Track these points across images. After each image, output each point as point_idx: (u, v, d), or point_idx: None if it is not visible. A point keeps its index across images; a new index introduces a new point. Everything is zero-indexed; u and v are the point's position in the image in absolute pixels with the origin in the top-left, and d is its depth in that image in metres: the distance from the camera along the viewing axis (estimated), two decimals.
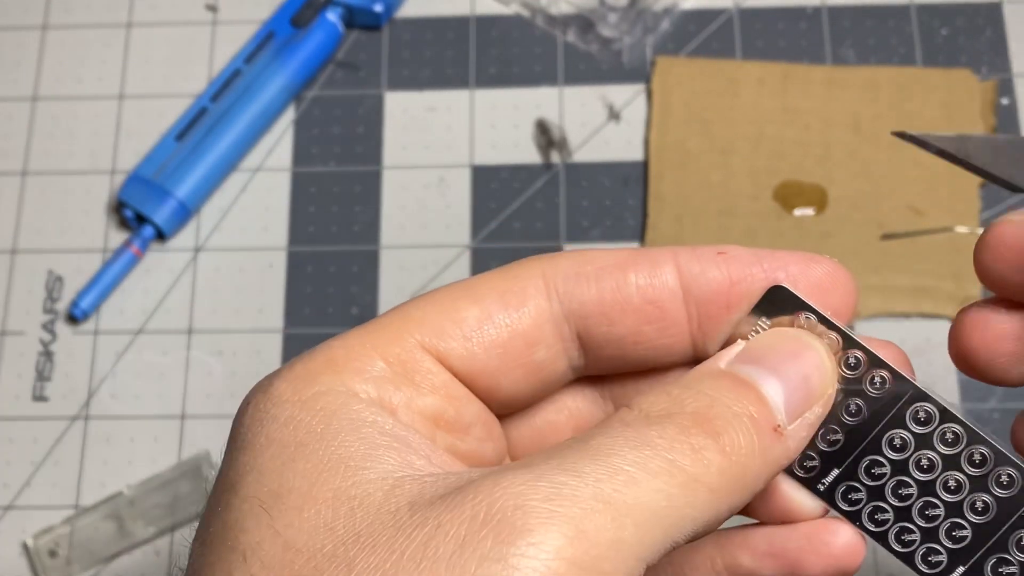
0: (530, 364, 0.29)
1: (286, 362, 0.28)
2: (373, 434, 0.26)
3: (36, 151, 0.62)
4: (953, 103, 0.60)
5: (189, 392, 0.57)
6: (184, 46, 0.64)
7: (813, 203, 0.58)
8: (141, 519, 0.54)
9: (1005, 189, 0.29)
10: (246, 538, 0.25)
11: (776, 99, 0.60)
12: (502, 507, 0.23)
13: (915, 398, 0.30)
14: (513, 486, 0.23)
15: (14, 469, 0.56)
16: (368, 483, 0.24)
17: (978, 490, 0.30)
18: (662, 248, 0.29)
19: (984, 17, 0.62)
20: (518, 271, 0.29)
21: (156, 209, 0.59)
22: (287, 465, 0.25)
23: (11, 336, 0.59)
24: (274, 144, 0.62)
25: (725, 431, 0.26)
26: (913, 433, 0.30)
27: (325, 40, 0.62)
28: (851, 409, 0.30)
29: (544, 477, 0.24)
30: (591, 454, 0.24)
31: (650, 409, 0.26)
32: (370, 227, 0.60)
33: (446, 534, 0.23)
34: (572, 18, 0.63)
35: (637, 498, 0.24)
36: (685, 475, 0.25)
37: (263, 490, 0.25)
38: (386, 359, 0.27)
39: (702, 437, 0.25)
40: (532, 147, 0.61)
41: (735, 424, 0.26)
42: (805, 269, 0.29)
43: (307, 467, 0.25)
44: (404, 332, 0.28)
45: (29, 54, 0.64)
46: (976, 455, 0.29)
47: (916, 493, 0.30)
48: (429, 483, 0.24)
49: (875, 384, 0.30)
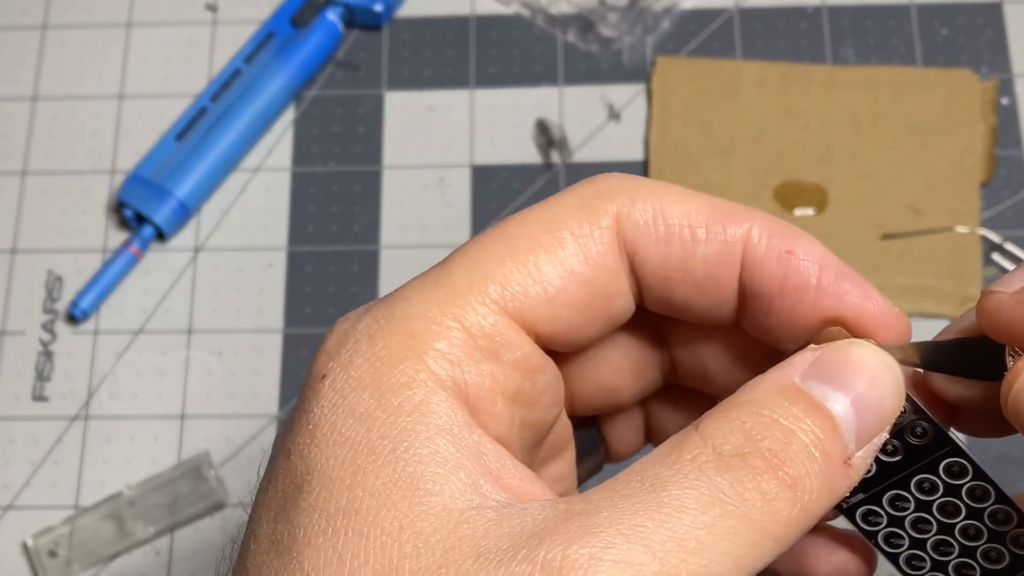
0: (608, 315, 0.28)
1: (362, 305, 0.27)
2: (447, 447, 0.25)
3: (36, 151, 0.62)
4: (953, 103, 0.60)
5: (189, 392, 0.57)
6: (184, 46, 0.64)
7: (813, 203, 0.58)
8: (141, 519, 0.54)
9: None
10: (311, 555, 0.24)
11: (776, 99, 0.60)
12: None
13: (952, 454, 0.30)
14: (581, 559, 0.23)
15: (14, 469, 0.56)
16: (434, 516, 0.24)
17: (995, 542, 0.30)
18: (740, 213, 0.28)
19: (984, 17, 0.62)
20: (592, 211, 0.27)
21: (156, 209, 0.59)
22: (357, 477, 0.25)
23: (11, 336, 0.59)
24: (274, 144, 0.62)
25: (800, 480, 0.25)
26: (944, 482, 0.30)
27: (325, 40, 0.62)
28: (888, 448, 0.30)
29: (612, 548, 0.23)
30: (663, 513, 0.24)
31: (723, 445, 0.25)
32: (370, 227, 0.60)
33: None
34: (572, 18, 0.63)
35: (703, 566, 0.23)
36: (754, 531, 0.24)
37: (332, 503, 0.24)
38: (468, 329, 0.26)
39: (775, 484, 0.24)
40: (532, 147, 0.61)
41: (810, 467, 0.25)
42: (862, 302, 0.28)
43: (377, 484, 0.24)
44: (484, 295, 0.27)
45: (29, 54, 0.64)
46: (1000, 514, 0.30)
47: (935, 531, 0.31)
48: (493, 524, 0.24)
49: (916, 433, 0.30)
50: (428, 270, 0.28)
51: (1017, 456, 0.54)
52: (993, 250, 0.57)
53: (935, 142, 0.59)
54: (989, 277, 0.57)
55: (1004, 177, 0.59)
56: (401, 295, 0.27)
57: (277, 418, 0.56)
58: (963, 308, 0.56)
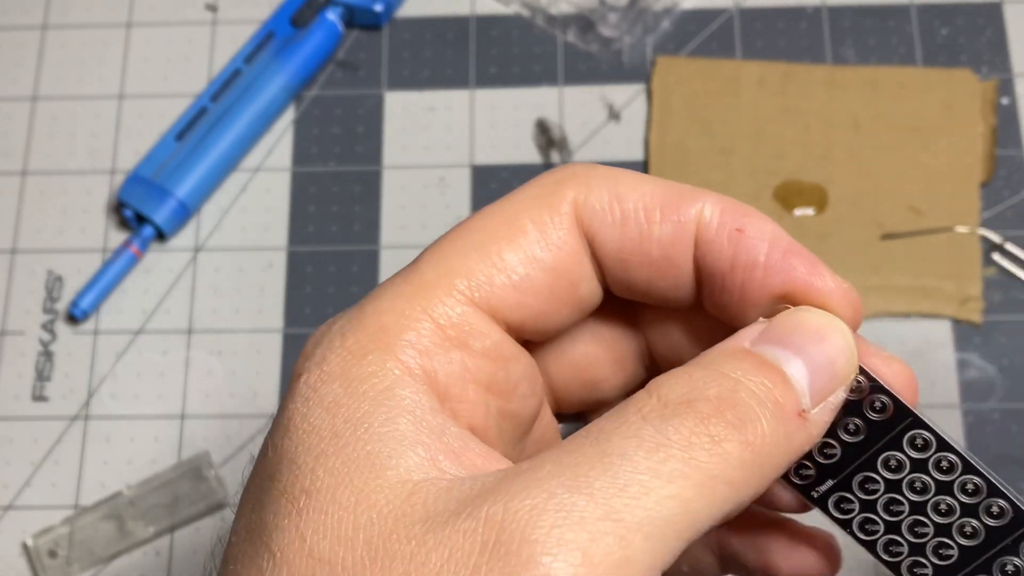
0: (575, 300, 0.29)
1: (344, 309, 0.28)
2: (407, 426, 0.26)
3: (36, 151, 0.62)
4: (953, 103, 0.60)
5: (189, 392, 0.57)
6: (184, 46, 0.64)
7: (813, 203, 0.58)
8: (141, 519, 0.54)
9: None
10: (278, 537, 0.25)
11: (776, 99, 0.60)
12: (510, 537, 0.23)
13: (913, 425, 0.30)
14: (522, 511, 0.23)
15: (14, 469, 0.56)
16: (388, 488, 0.25)
17: (968, 516, 0.30)
18: (692, 193, 0.28)
19: (984, 17, 0.62)
20: (550, 198, 0.28)
21: (156, 209, 0.59)
22: (320, 460, 0.25)
23: (11, 336, 0.59)
24: (274, 144, 0.62)
25: (749, 420, 0.25)
26: (909, 457, 0.30)
27: (325, 40, 0.62)
28: (849, 428, 0.30)
29: (554, 497, 0.23)
30: (604, 462, 0.24)
31: (669, 395, 0.25)
32: (370, 227, 0.60)
33: (456, 563, 0.23)
34: (572, 18, 0.63)
35: (648, 510, 0.23)
36: (702, 473, 0.24)
37: (296, 486, 0.25)
38: (437, 321, 0.27)
39: (723, 427, 0.25)
40: (532, 147, 0.61)
41: (760, 411, 0.25)
42: (810, 278, 0.28)
43: (336, 464, 0.25)
44: (451, 287, 0.27)
45: (29, 54, 0.64)
46: (969, 485, 0.30)
47: (907, 511, 0.31)
48: (444, 491, 0.24)
49: (875, 408, 0.30)
50: (400, 270, 0.28)
51: (1018, 456, 0.54)
52: (993, 250, 0.57)
53: (935, 142, 0.59)
54: (989, 277, 0.57)
55: (1004, 177, 0.59)
56: (374, 294, 0.28)
57: None
58: (963, 308, 0.56)
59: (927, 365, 0.55)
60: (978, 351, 0.56)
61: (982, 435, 0.54)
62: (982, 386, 0.55)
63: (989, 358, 0.55)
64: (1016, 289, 0.57)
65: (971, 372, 0.55)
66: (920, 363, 0.55)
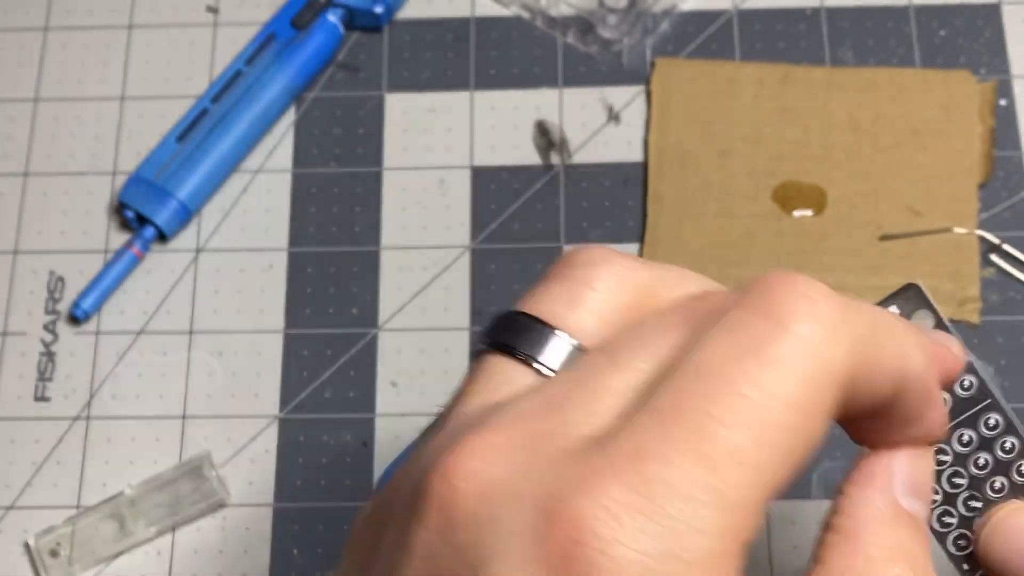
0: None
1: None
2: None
3: (37, 152, 0.62)
4: (952, 104, 0.60)
5: (190, 392, 0.57)
6: (185, 48, 0.64)
7: (812, 204, 0.59)
8: (143, 519, 0.54)
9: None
10: None
11: (775, 100, 0.61)
12: None
13: (991, 407, 0.34)
14: None
15: (16, 469, 0.56)
16: None
17: (1018, 495, 0.34)
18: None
19: (983, 18, 0.62)
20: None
21: (157, 210, 0.59)
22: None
23: (12, 337, 0.59)
24: (275, 145, 0.62)
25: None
26: (980, 435, 0.34)
27: (326, 41, 0.62)
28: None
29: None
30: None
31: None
32: (371, 228, 0.60)
33: None
34: (572, 20, 0.63)
35: None
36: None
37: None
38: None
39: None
40: (532, 148, 0.61)
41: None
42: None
43: None
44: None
45: (30, 55, 0.64)
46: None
47: (966, 485, 0.34)
48: None
49: (964, 386, 0.34)
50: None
51: None
52: (991, 251, 0.57)
53: (933, 143, 0.59)
54: (987, 278, 0.57)
55: (1002, 178, 0.59)
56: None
57: (278, 418, 0.56)
58: (961, 309, 0.56)
59: None
60: (976, 351, 0.56)
61: None
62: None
63: (987, 358, 0.56)
64: (1014, 290, 0.57)
65: None
66: None
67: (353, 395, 0.57)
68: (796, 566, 0.53)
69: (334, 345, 0.58)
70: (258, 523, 0.55)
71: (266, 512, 0.55)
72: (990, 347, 0.56)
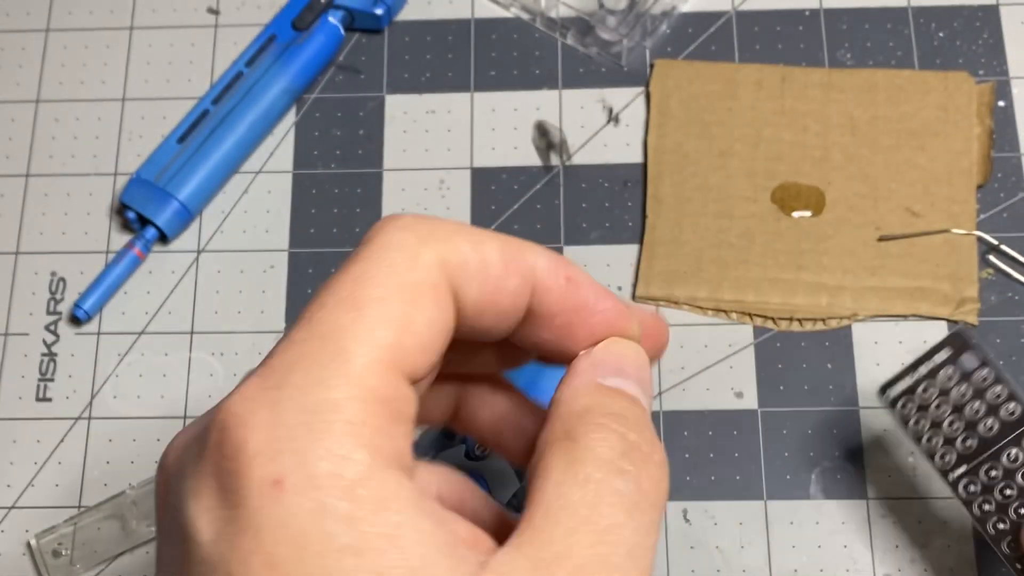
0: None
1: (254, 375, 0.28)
2: (436, 535, 0.27)
3: (39, 154, 0.63)
4: (950, 106, 0.60)
5: (191, 393, 0.57)
6: (186, 49, 0.64)
7: (811, 205, 0.59)
8: (143, 519, 0.54)
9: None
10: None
11: (774, 101, 0.61)
12: None
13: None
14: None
15: (17, 469, 0.57)
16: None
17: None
18: (527, 248, 0.31)
19: (981, 20, 0.62)
20: (424, 261, 0.29)
21: (158, 211, 0.59)
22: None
23: (15, 337, 0.59)
24: (275, 146, 0.62)
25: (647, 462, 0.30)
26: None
27: (326, 43, 0.62)
28: (988, 425, 0.45)
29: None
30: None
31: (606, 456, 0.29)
32: None
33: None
34: (571, 21, 0.63)
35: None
36: (657, 512, 0.29)
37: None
38: (384, 401, 0.27)
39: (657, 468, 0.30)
40: (531, 150, 0.61)
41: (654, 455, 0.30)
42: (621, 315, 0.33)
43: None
44: (384, 363, 0.28)
45: (32, 57, 0.65)
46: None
47: (1015, 495, 0.44)
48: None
49: (1010, 412, 0.45)
50: (282, 352, 0.28)
51: None
52: (989, 252, 0.58)
53: (932, 144, 0.59)
54: (985, 279, 0.57)
55: (1000, 179, 0.59)
56: (297, 378, 0.27)
57: None
58: (959, 310, 0.56)
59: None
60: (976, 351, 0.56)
61: None
62: None
63: None
64: (1012, 290, 0.57)
65: None
66: None
67: None
68: (794, 566, 0.53)
69: None
70: None
71: None
72: (989, 347, 0.56)
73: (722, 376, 0.56)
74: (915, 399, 0.48)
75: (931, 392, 0.47)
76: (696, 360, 0.56)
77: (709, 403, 0.56)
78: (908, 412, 0.48)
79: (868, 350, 0.56)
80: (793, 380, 0.56)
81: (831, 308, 0.57)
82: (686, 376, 0.56)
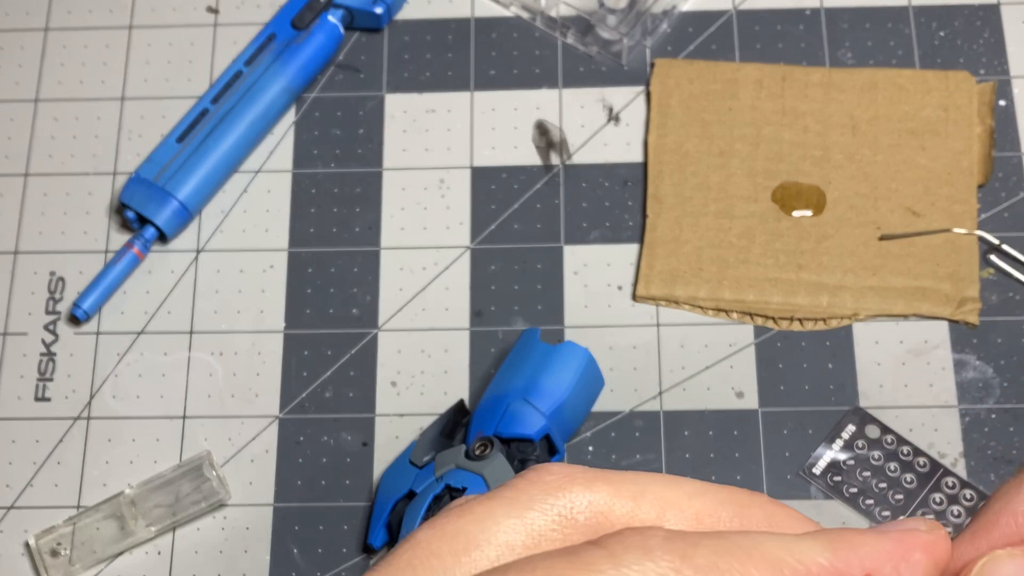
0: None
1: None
2: None
3: (38, 153, 0.62)
4: (951, 105, 0.60)
5: (190, 393, 0.57)
6: (185, 48, 0.64)
7: (811, 205, 0.59)
8: (143, 519, 0.54)
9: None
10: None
11: (774, 101, 0.61)
12: None
13: (945, 474, 0.52)
14: None
15: (16, 469, 0.56)
16: None
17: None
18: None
19: (982, 19, 0.62)
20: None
21: (157, 211, 0.59)
22: None
23: (13, 337, 0.59)
24: (275, 146, 0.62)
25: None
26: (945, 495, 0.52)
27: (326, 42, 0.62)
28: (907, 479, 0.52)
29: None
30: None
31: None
32: (370, 228, 0.60)
33: None
34: (572, 20, 0.63)
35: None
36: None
37: None
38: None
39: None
40: (532, 149, 0.61)
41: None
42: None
43: None
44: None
45: (31, 56, 0.64)
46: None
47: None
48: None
49: (921, 465, 0.53)
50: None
51: (1016, 456, 0.54)
52: (990, 251, 0.57)
53: (933, 144, 0.59)
54: (986, 278, 0.57)
55: (1001, 179, 0.59)
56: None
57: (278, 418, 0.57)
58: (960, 310, 0.56)
59: (925, 366, 0.56)
60: (975, 352, 0.56)
61: (979, 435, 0.54)
62: (979, 387, 0.55)
63: (986, 359, 0.56)
64: (1013, 290, 0.57)
65: (968, 373, 0.56)
66: (918, 364, 0.56)
67: (353, 395, 0.57)
68: None
69: (334, 345, 0.58)
70: (258, 523, 0.55)
71: (266, 512, 0.55)
72: (989, 347, 0.56)
73: (723, 376, 0.56)
74: (841, 470, 0.54)
75: (851, 463, 0.54)
76: (696, 360, 0.56)
77: (710, 403, 0.56)
78: (838, 484, 0.53)
79: (869, 350, 0.56)
80: (794, 380, 0.56)
81: (832, 308, 0.57)
82: (686, 376, 0.56)
